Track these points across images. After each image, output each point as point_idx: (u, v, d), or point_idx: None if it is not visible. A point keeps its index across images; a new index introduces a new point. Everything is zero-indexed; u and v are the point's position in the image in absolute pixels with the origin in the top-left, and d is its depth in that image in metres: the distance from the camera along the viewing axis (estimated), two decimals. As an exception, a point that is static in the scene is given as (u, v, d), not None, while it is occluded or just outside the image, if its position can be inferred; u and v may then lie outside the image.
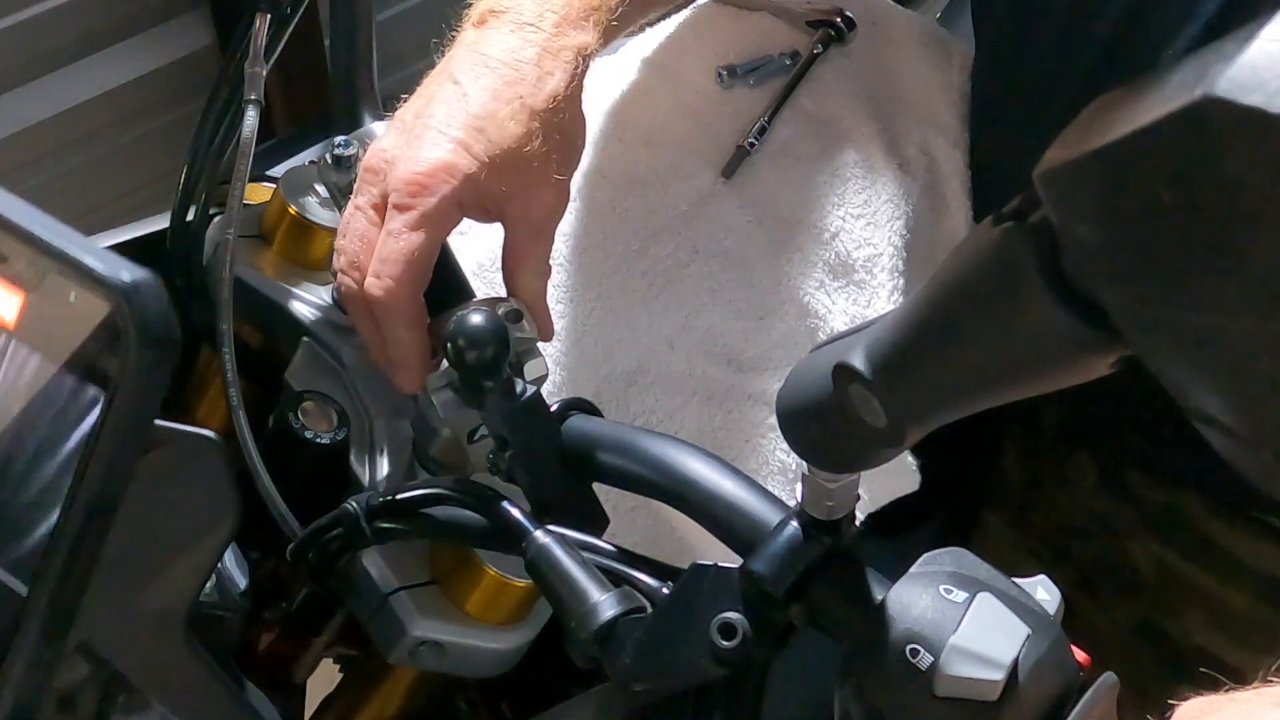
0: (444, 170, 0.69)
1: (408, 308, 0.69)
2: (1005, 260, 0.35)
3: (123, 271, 0.47)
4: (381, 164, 0.71)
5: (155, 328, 0.47)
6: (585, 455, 0.66)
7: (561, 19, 0.76)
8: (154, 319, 0.47)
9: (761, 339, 0.90)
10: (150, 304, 0.47)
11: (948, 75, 1.03)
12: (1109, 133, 0.31)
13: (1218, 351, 0.31)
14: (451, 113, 0.71)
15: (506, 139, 0.71)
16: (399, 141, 0.72)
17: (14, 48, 1.31)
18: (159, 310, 0.47)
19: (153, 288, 0.47)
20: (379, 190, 0.71)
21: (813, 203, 0.95)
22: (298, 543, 0.68)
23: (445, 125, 0.71)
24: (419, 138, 0.71)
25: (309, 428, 0.73)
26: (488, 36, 0.75)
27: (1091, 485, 1.01)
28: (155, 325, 0.47)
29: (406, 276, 0.68)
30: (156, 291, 0.47)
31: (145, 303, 0.47)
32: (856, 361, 0.42)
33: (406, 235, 0.68)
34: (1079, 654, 0.50)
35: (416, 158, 0.70)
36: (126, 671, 0.60)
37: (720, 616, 0.54)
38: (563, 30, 0.76)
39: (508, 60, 0.73)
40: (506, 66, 0.73)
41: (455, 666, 0.71)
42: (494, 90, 0.72)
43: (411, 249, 0.68)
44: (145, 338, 0.47)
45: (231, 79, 0.77)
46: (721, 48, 1.00)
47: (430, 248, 0.69)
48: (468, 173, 0.70)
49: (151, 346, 0.47)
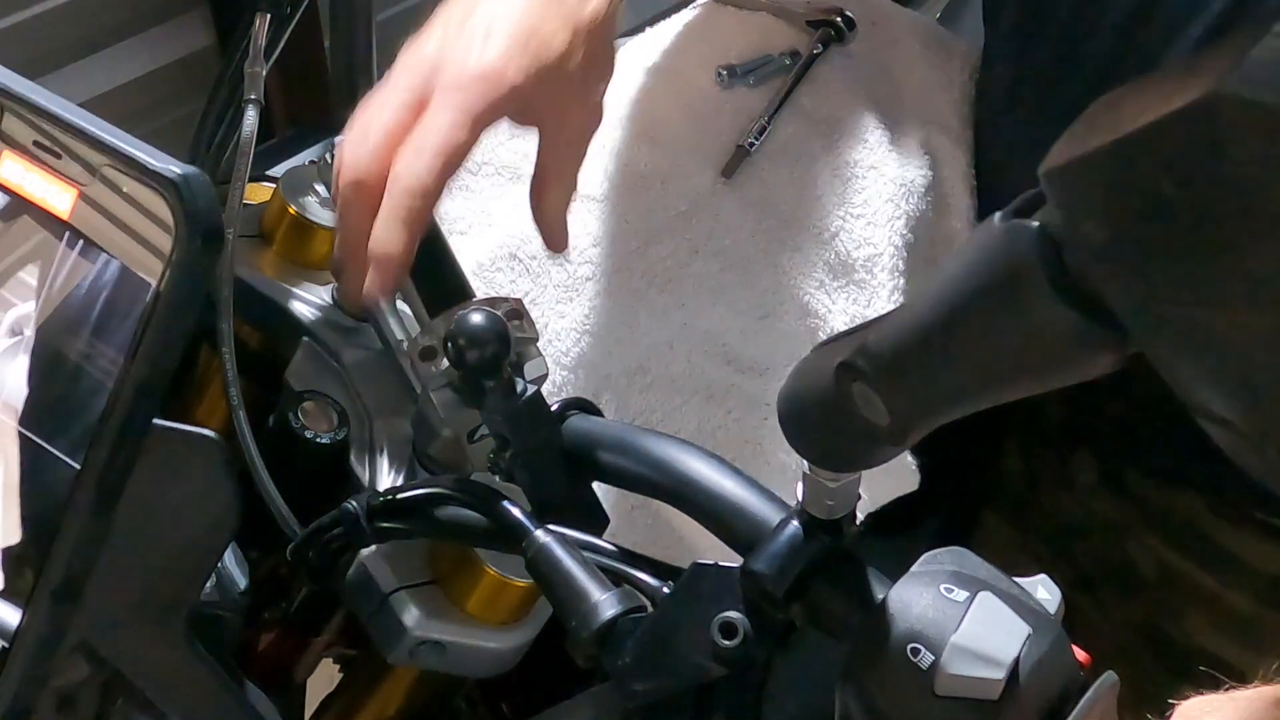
0: (494, 75, 0.70)
1: (428, 204, 0.69)
2: (1010, 258, 0.35)
3: (173, 165, 0.50)
4: (425, 61, 0.71)
5: (203, 216, 0.50)
6: (585, 455, 0.66)
7: None
8: (203, 208, 0.50)
9: (762, 339, 0.90)
10: (199, 195, 0.50)
11: (949, 74, 1.03)
12: (1116, 129, 0.31)
13: (1223, 348, 0.31)
14: (498, 21, 0.72)
15: (551, 53, 0.72)
16: (444, 43, 0.72)
17: (14, 48, 1.31)
18: (206, 201, 0.51)
19: (201, 181, 0.51)
20: (420, 86, 0.70)
21: (813, 202, 0.95)
22: (298, 542, 0.68)
23: (493, 32, 0.71)
24: (467, 41, 0.71)
25: (309, 428, 0.73)
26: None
27: (1092, 485, 1.00)
28: (204, 214, 0.50)
29: (440, 170, 0.68)
30: (204, 185, 0.51)
31: (194, 193, 0.50)
32: (859, 359, 0.42)
33: (448, 131, 0.68)
34: (1080, 653, 0.50)
35: (466, 60, 0.70)
36: (126, 671, 0.60)
37: (721, 616, 0.54)
38: None
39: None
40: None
41: (455, 666, 0.71)
42: (541, 4, 0.73)
43: (452, 144, 0.68)
44: (194, 225, 0.50)
45: (231, 79, 0.77)
46: (721, 47, 1.00)
47: (465, 149, 0.69)
48: (515, 83, 0.70)
49: (200, 234, 0.50)
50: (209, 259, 0.52)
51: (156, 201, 0.51)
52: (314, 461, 0.73)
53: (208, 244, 0.51)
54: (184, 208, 0.50)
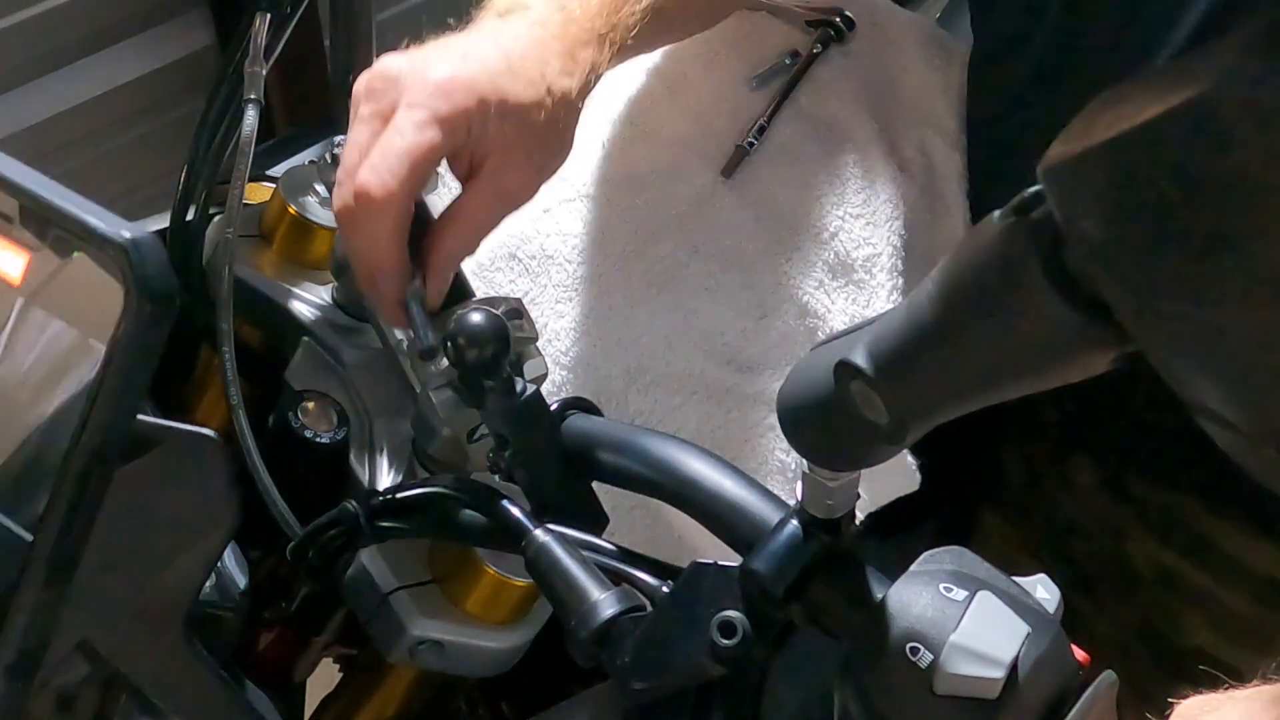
0: (463, 84, 0.67)
1: (398, 209, 0.66)
2: (1008, 256, 0.36)
3: (123, 229, 0.48)
4: (391, 74, 0.68)
5: (154, 281, 0.48)
6: (585, 454, 0.66)
7: (582, 30, 0.76)
8: (153, 273, 0.48)
9: (761, 338, 0.90)
10: (149, 259, 0.48)
11: (947, 76, 1.03)
12: (1114, 127, 0.31)
13: (1221, 345, 0.31)
14: (477, 48, 0.70)
15: (523, 96, 0.70)
16: (413, 58, 0.69)
17: (14, 48, 1.31)
18: (157, 265, 0.48)
19: (152, 245, 0.48)
20: (387, 100, 0.68)
21: (812, 202, 0.95)
22: (298, 542, 0.68)
23: (470, 55, 0.69)
24: (438, 56, 0.69)
25: (309, 427, 0.73)
26: (513, 24, 0.74)
27: (1090, 486, 1.01)
28: (154, 279, 0.48)
29: (405, 174, 0.65)
30: (156, 248, 0.48)
31: (145, 258, 0.48)
32: (858, 358, 0.42)
33: (412, 134, 0.66)
34: (1079, 652, 0.50)
35: (436, 69, 0.68)
36: (126, 671, 0.60)
37: (720, 615, 0.54)
38: (584, 43, 0.75)
39: (535, 43, 0.73)
40: (535, 45, 0.73)
41: (455, 666, 0.71)
42: (522, 53, 0.72)
43: (416, 146, 0.65)
44: (145, 292, 0.48)
45: (231, 79, 0.77)
46: (721, 48, 1.00)
47: (433, 153, 0.66)
48: (483, 96, 0.68)
49: (150, 301, 0.48)
50: (160, 325, 0.49)
51: (108, 266, 0.49)
52: (314, 461, 0.73)
53: (158, 310, 0.48)
54: (133, 273, 0.48)
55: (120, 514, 0.53)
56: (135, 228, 0.48)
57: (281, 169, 0.87)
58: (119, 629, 0.58)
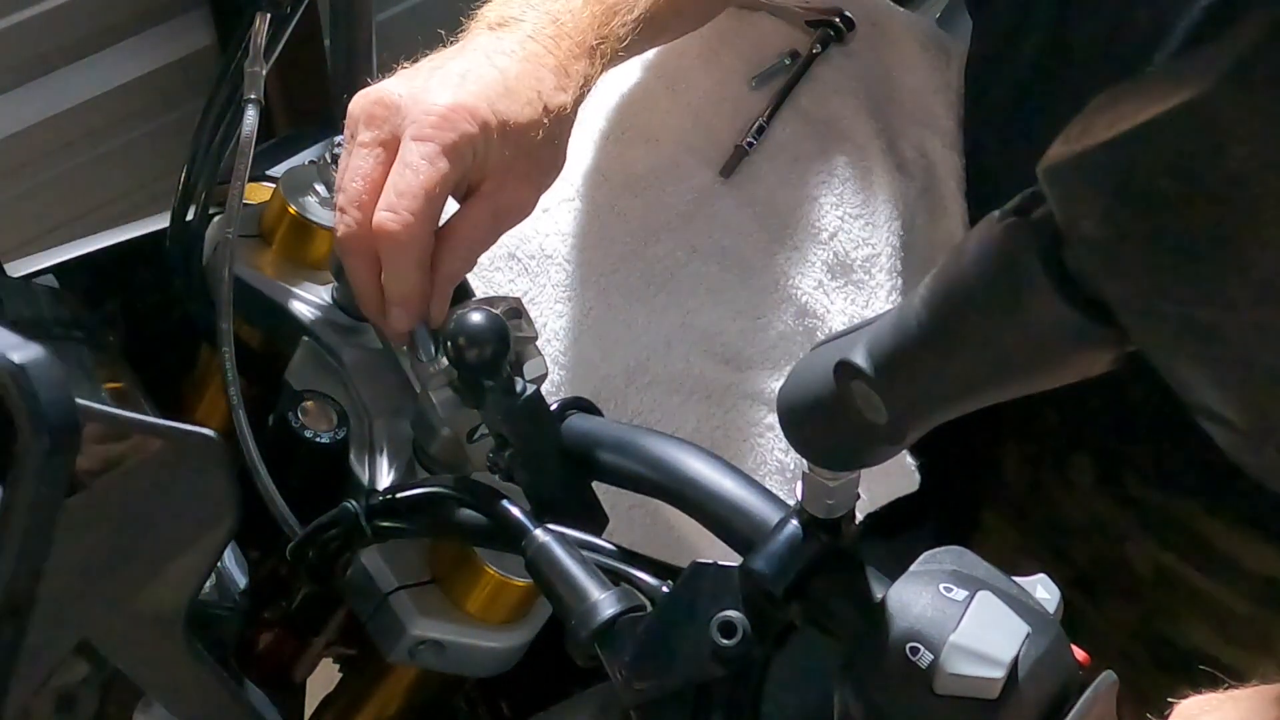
0: (466, 110, 0.68)
1: (422, 244, 0.67)
2: (1009, 256, 0.35)
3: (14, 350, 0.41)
4: (391, 101, 0.69)
5: (51, 411, 0.41)
6: (585, 454, 0.66)
7: (574, 44, 0.76)
8: (49, 400, 0.41)
9: (760, 338, 0.90)
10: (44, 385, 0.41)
11: (945, 77, 1.03)
12: (1114, 127, 0.31)
13: (1221, 345, 0.31)
14: (474, 69, 0.71)
15: (521, 116, 0.71)
16: (411, 84, 0.70)
17: (13, 48, 1.31)
18: (54, 392, 0.42)
19: (44, 368, 0.41)
20: (389, 128, 0.69)
21: (811, 202, 0.95)
22: (298, 542, 0.68)
23: (468, 78, 0.70)
24: (438, 81, 0.70)
25: (309, 427, 0.73)
26: (506, 40, 0.75)
27: (1090, 486, 1.01)
28: (51, 408, 0.41)
29: (425, 211, 0.67)
30: (49, 372, 0.42)
31: (36, 386, 0.41)
32: (858, 358, 0.42)
33: (426, 169, 0.67)
34: (1079, 652, 0.50)
35: (437, 96, 0.68)
36: (126, 671, 0.60)
37: (720, 615, 0.54)
38: (576, 56, 0.76)
39: (530, 60, 0.73)
40: (529, 62, 0.73)
41: (455, 666, 0.71)
42: (518, 72, 0.72)
43: (432, 182, 0.67)
44: (38, 424, 0.41)
45: (231, 79, 0.77)
46: (721, 48, 1.00)
47: (447, 184, 0.68)
48: (486, 120, 0.69)
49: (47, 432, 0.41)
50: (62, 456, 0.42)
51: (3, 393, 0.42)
52: (314, 461, 0.73)
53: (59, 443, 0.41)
54: (25, 403, 0.41)
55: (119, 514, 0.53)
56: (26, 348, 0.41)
57: (281, 169, 0.87)
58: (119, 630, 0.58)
